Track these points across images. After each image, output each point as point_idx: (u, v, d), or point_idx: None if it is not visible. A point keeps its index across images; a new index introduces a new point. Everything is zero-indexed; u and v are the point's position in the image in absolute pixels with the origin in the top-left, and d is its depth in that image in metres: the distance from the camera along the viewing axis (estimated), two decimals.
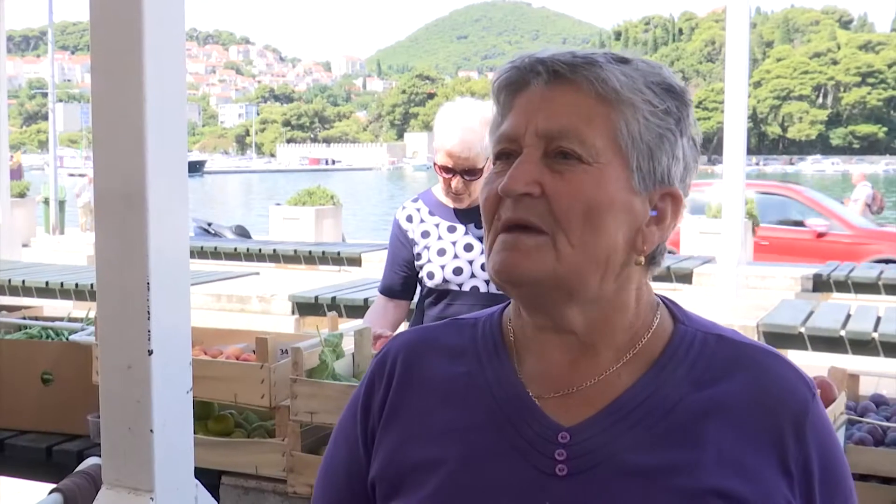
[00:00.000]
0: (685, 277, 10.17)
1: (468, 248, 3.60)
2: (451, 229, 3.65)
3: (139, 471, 2.30)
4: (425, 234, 3.67)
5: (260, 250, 12.56)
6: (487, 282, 3.57)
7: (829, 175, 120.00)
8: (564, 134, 1.19)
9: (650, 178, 1.22)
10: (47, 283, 8.98)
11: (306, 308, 8.35)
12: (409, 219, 3.73)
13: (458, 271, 3.58)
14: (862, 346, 6.45)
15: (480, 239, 3.59)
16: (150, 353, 2.24)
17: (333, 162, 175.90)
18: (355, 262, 11.90)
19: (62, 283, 8.91)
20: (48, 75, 26.45)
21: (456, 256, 3.60)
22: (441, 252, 3.62)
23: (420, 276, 3.69)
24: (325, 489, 1.42)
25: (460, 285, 3.60)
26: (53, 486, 2.59)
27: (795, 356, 5.99)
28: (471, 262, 3.58)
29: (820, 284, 9.88)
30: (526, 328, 1.30)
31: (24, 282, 9.08)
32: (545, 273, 1.19)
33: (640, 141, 1.20)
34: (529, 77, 1.24)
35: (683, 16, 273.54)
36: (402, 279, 3.76)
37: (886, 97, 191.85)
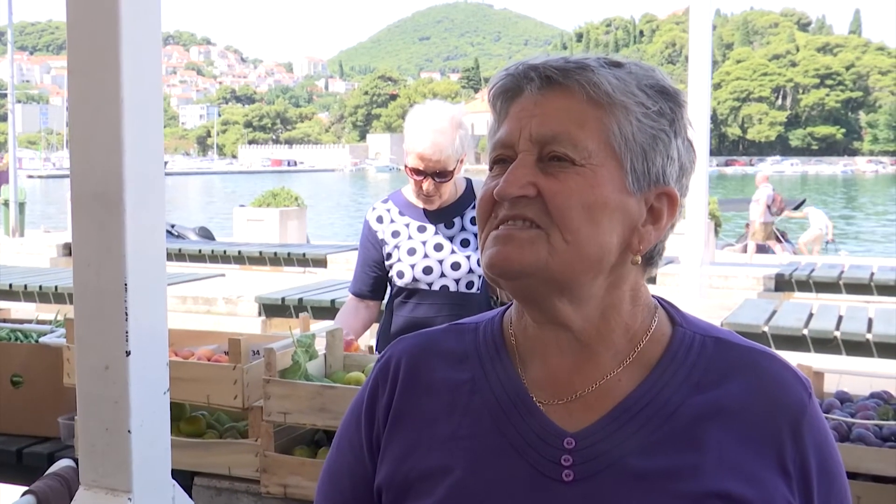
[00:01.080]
0: (649, 278, 10.24)
1: (438, 247, 3.62)
2: (422, 229, 3.66)
3: (117, 471, 2.30)
4: (395, 234, 3.68)
5: (225, 252, 12.53)
6: (457, 281, 3.60)
7: (789, 176, 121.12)
8: (557, 138, 1.21)
9: (644, 179, 1.23)
10: (10, 285, 8.91)
11: (273, 309, 8.33)
12: (380, 219, 3.73)
13: (427, 270, 3.60)
14: (824, 344, 6.53)
15: (451, 239, 3.61)
16: (128, 353, 2.24)
17: (296, 163, 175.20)
18: (321, 263, 11.90)
19: (26, 286, 8.84)
20: (7, 76, 26.14)
21: (426, 256, 3.62)
22: (411, 251, 3.63)
23: (390, 275, 3.71)
24: (329, 494, 1.43)
25: (430, 284, 3.62)
26: (26, 488, 2.58)
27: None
28: (440, 262, 3.60)
29: (782, 284, 10.00)
30: (527, 329, 1.31)
31: None
32: (537, 265, 1.20)
33: (633, 142, 1.21)
34: (523, 83, 1.25)
35: (644, 18, 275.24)
36: (373, 280, 3.77)
37: (844, 99, 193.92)
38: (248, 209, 17.53)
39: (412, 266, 3.62)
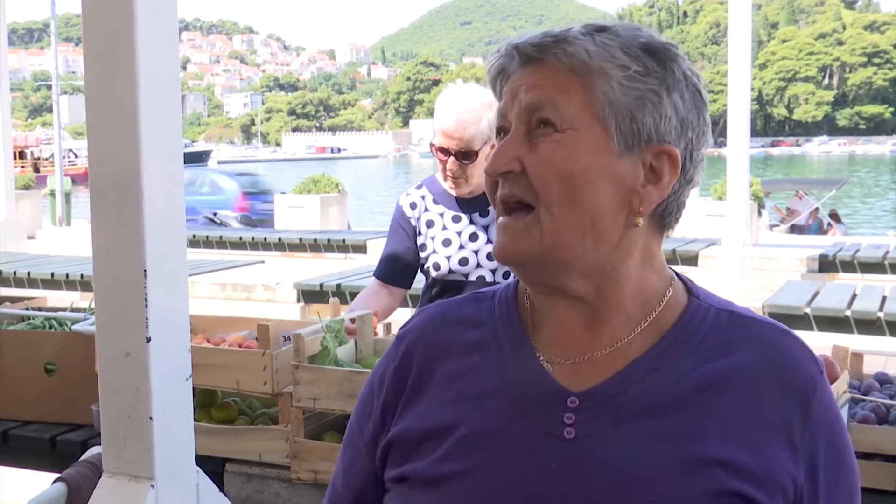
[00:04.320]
0: (691, 259, 10.16)
1: (473, 237, 3.56)
2: (456, 219, 3.60)
3: (139, 458, 2.30)
4: (430, 224, 3.62)
5: (265, 239, 12.58)
6: (493, 271, 3.53)
7: (836, 156, 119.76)
8: (541, 104, 1.24)
9: (634, 139, 1.24)
10: (52, 274, 9.00)
11: (311, 296, 8.35)
12: (413, 206, 3.67)
13: (463, 262, 3.55)
14: (867, 325, 6.44)
15: (485, 228, 3.55)
16: (149, 340, 2.24)
17: (339, 150, 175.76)
18: (360, 249, 11.91)
19: (67, 275, 8.93)
20: (52, 67, 26.40)
21: (461, 247, 3.56)
22: (446, 242, 3.58)
23: (425, 266, 3.65)
24: (350, 461, 1.44)
25: (466, 275, 3.56)
26: (57, 475, 2.60)
27: (801, 337, 5.99)
28: (476, 252, 3.54)
29: (826, 265, 9.86)
30: (540, 296, 1.33)
31: (29, 273, 9.10)
32: (533, 252, 1.24)
33: (618, 104, 1.23)
34: (509, 63, 1.30)
35: None
36: (402, 267, 3.68)
37: (892, 77, 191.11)
38: (289, 196, 17.59)
39: (448, 258, 3.57)
